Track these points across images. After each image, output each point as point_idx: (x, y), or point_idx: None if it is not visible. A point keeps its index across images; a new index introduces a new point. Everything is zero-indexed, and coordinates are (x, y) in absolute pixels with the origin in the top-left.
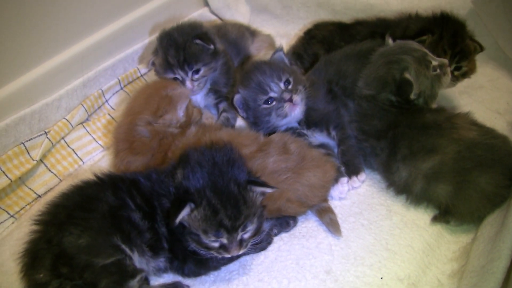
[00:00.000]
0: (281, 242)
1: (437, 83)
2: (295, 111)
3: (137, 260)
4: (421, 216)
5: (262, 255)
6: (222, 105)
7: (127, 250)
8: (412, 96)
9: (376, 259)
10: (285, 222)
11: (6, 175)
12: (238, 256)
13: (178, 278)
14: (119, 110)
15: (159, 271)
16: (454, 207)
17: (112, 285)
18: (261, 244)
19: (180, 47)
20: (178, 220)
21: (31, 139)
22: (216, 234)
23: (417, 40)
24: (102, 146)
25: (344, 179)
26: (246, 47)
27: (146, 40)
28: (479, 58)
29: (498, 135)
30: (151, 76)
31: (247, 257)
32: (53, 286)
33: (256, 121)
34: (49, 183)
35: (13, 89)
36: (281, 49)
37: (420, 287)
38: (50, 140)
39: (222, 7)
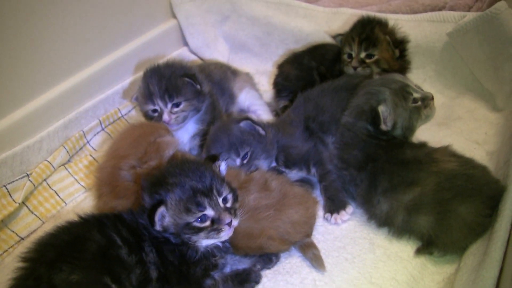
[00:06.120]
0: (265, 279)
1: (415, 115)
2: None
3: None
4: (404, 248)
5: None
6: None
7: None
8: (383, 127)
9: None
10: (268, 258)
11: None
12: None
13: None
14: (101, 151)
15: None
16: (436, 238)
17: None
18: (249, 284)
19: (163, 77)
20: (157, 220)
21: (13, 181)
22: (198, 203)
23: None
24: (84, 187)
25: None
26: (230, 87)
27: (127, 80)
28: (456, 89)
29: (477, 165)
30: (132, 117)
31: None
32: None
33: None
34: (32, 226)
35: None
36: (247, 118)
37: None
38: (32, 182)
39: (201, 46)
